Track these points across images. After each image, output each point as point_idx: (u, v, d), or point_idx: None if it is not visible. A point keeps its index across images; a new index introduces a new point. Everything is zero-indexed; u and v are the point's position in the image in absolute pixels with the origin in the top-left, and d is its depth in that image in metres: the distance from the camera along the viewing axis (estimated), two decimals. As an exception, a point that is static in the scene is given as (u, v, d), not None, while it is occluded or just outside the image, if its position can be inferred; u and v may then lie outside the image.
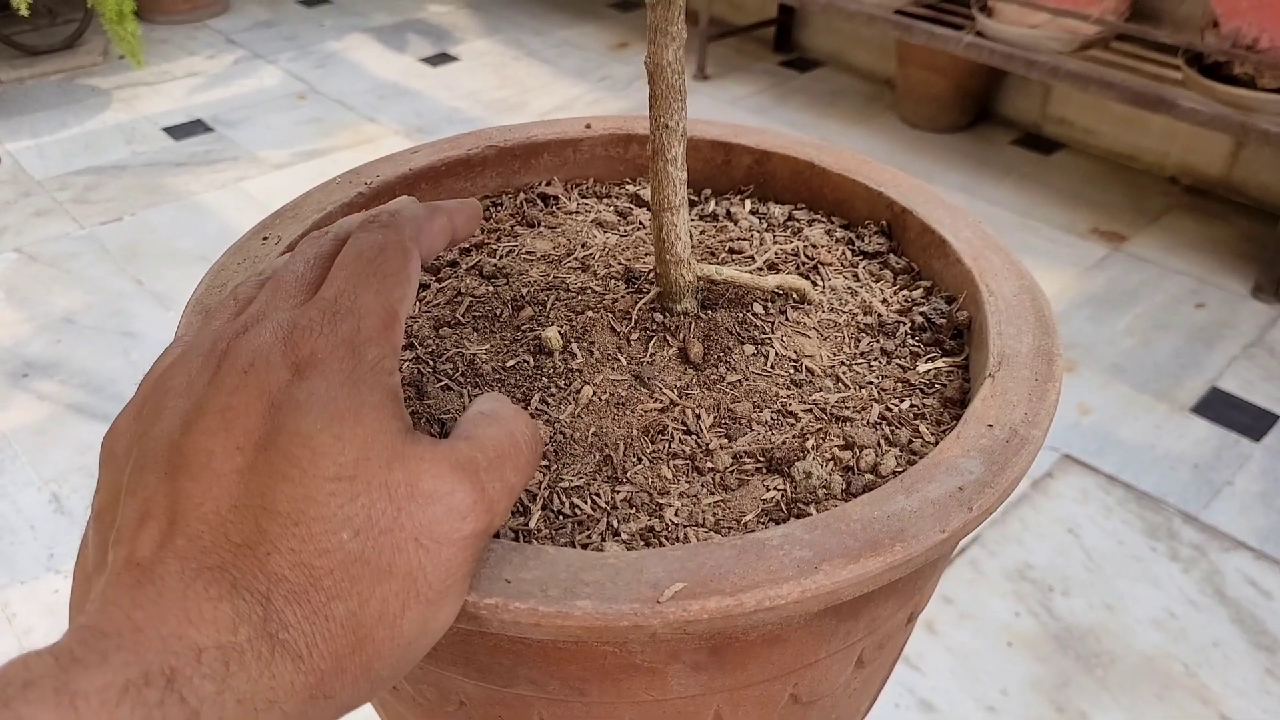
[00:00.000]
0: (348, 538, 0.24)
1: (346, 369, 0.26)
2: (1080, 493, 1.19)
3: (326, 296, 0.28)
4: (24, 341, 1.45)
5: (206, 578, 0.23)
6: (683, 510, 0.34)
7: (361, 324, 0.27)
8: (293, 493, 0.24)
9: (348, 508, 0.24)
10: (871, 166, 0.50)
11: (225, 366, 0.26)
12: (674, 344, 0.40)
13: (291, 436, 0.25)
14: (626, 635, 0.28)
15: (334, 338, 0.27)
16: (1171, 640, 1.01)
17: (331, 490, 0.24)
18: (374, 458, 0.25)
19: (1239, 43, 1.46)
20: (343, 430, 0.25)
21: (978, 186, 1.87)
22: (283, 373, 0.26)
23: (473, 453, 0.27)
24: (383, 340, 0.27)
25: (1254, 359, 1.42)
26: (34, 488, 1.21)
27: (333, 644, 0.24)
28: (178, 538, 0.24)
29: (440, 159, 0.51)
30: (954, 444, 0.33)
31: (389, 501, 0.25)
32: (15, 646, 1.02)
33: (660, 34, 0.36)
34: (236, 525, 0.24)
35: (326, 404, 0.25)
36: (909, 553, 0.29)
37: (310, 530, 0.24)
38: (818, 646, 0.33)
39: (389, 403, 0.26)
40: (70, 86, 2.26)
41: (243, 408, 0.25)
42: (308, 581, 0.24)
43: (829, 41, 2.41)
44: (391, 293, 0.28)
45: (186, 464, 0.25)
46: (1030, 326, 0.38)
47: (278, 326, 0.27)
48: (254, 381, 0.26)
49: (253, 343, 0.27)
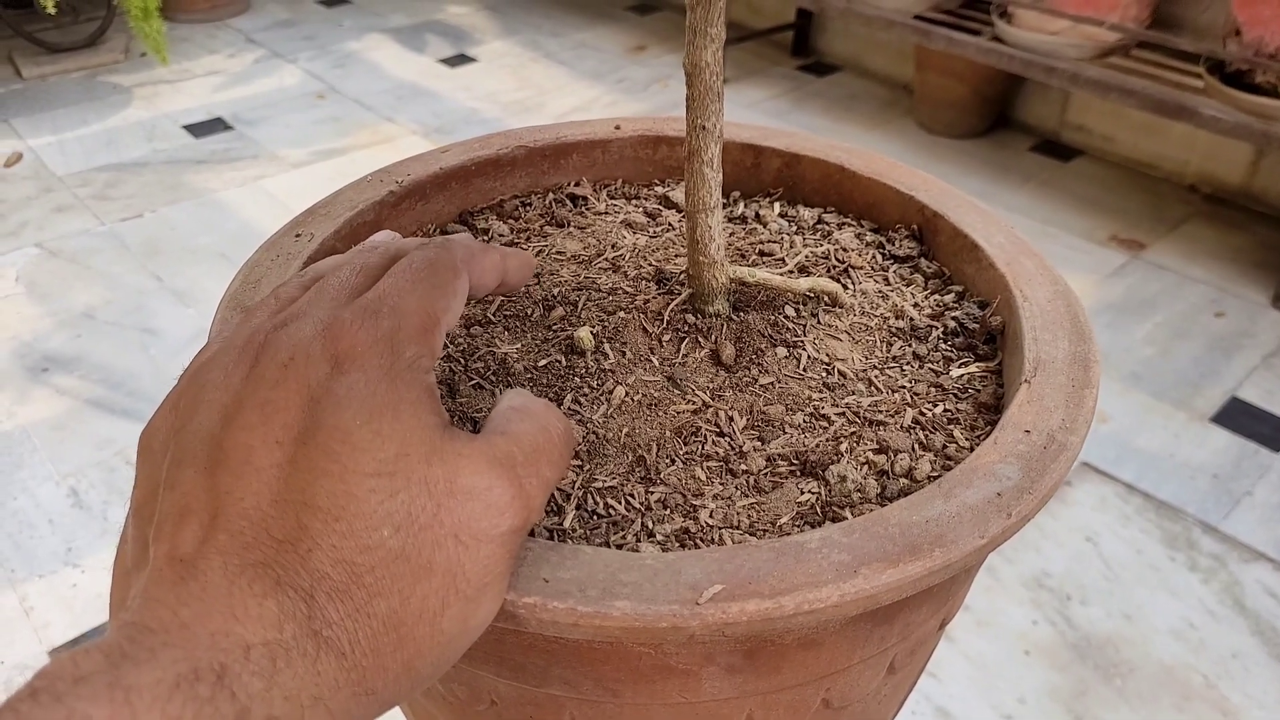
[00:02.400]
0: (388, 534, 0.24)
1: (385, 365, 0.26)
2: (1099, 501, 1.18)
3: (370, 297, 0.28)
4: (44, 336, 1.46)
5: (250, 574, 0.23)
6: (717, 512, 0.34)
7: (402, 323, 0.27)
8: (333, 488, 0.24)
9: (388, 504, 0.24)
10: (902, 170, 0.50)
11: (264, 360, 0.26)
12: (706, 345, 0.40)
13: (331, 431, 0.25)
14: (664, 636, 0.28)
15: (374, 333, 0.27)
16: (1190, 651, 1.00)
17: (372, 486, 0.24)
18: (413, 453, 0.25)
19: (1261, 51, 1.45)
20: (382, 425, 0.25)
21: (996, 193, 1.86)
22: (322, 366, 0.26)
23: (509, 448, 0.27)
24: (421, 341, 0.27)
25: (1274, 369, 1.41)
26: (52, 482, 1.22)
27: (375, 641, 0.24)
28: (219, 533, 0.24)
29: (470, 158, 0.51)
30: (991, 450, 0.33)
31: (428, 498, 0.25)
32: (33, 639, 1.03)
33: (699, 35, 0.36)
34: (278, 521, 0.24)
35: (366, 399, 0.25)
36: (948, 558, 0.29)
37: (351, 526, 0.24)
38: (852, 651, 0.33)
39: (426, 399, 0.26)
40: (92, 84, 2.27)
41: (282, 402, 0.25)
42: (350, 579, 0.24)
43: (847, 46, 2.40)
44: (435, 301, 0.28)
45: (226, 459, 0.25)
46: (1066, 332, 0.38)
47: (318, 321, 0.27)
48: (294, 375, 0.26)
49: (293, 336, 0.27)
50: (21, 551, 1.12)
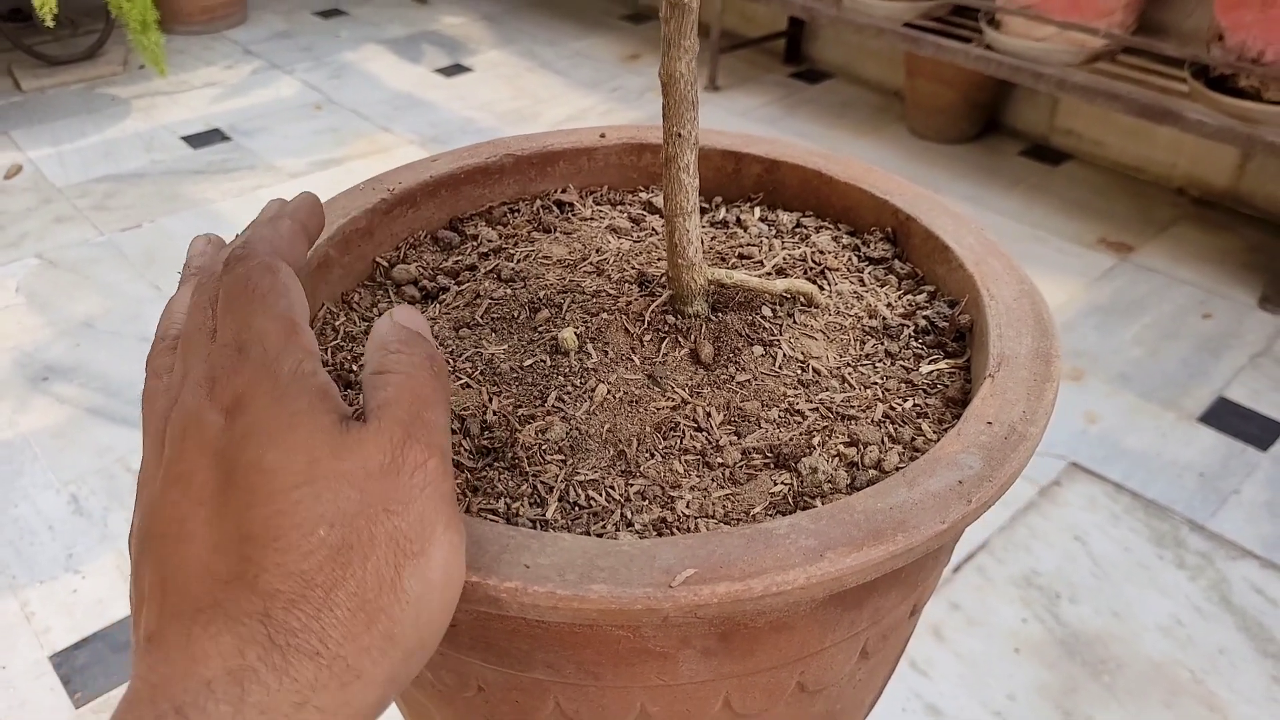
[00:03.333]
0: (325, 532, 0.26)
1: (269, 390, 0.28)
2: (1088, 500, 1.19)
3: (225, 340, 0.29)
4: (44, 345, 1.47)
5: (203, 620, 0.25)
6: (694, 503, 0.35)
7: (266, 344, 0.29)
8: (262, 514, 0.26)
9: (316, 507, 0.26)
10: (877, 175, 0.51)
11: (168, 443, 0.28)
12: (685, 345, 0.42)
13: (245, 469, 0.26)
14: (640, 618, 0.30)
15: (249, 369, 0.28)
16: (1178, 647, 1.02)
17: (296, 498, 0.26)
18: (321, 456, 0.27)
19: (1244, 56, 1.47)
20: (286, 443, 0.27)
21: (986, 197, 1.88)
22: (215, 420, 0.28)
23: (395, 414, 0.28)
24: (292, 348, 0.29)
25: (1261, 369, 1.42)
26: (53, 489, 1.23)
27: (346, 628, 0.25)
28: (170, 599, 0.26)
29: (460, 167, 0.53)
30: (954, 440, 0.34)
31: (349, 487, 0.26)
32: (35, 645, 1.04)
33: (673, 46, 0.37)
34: (219, 563, 0.26)
35: (264, 428, 0.27)
36: (910, 542, 0.30)
37: (290, 541, 0.25)
38: (823, 635, 0.34)
39: (319, 402, 0.28)
40: (90, 96, 2.29)
41: (189, 469, 0.27)
42: (302, 585, 0.25)
43: (838, 54, 2.43)
44: (275, 306, 0.30)
45: (162, 538, 0.27)
46: (1029, 329, 0.40)
47: (197, 384, 0.29)
48: (192, 443, 0.27)
49: (181, 410, 0.29)
50: (22, 558, 1.14)
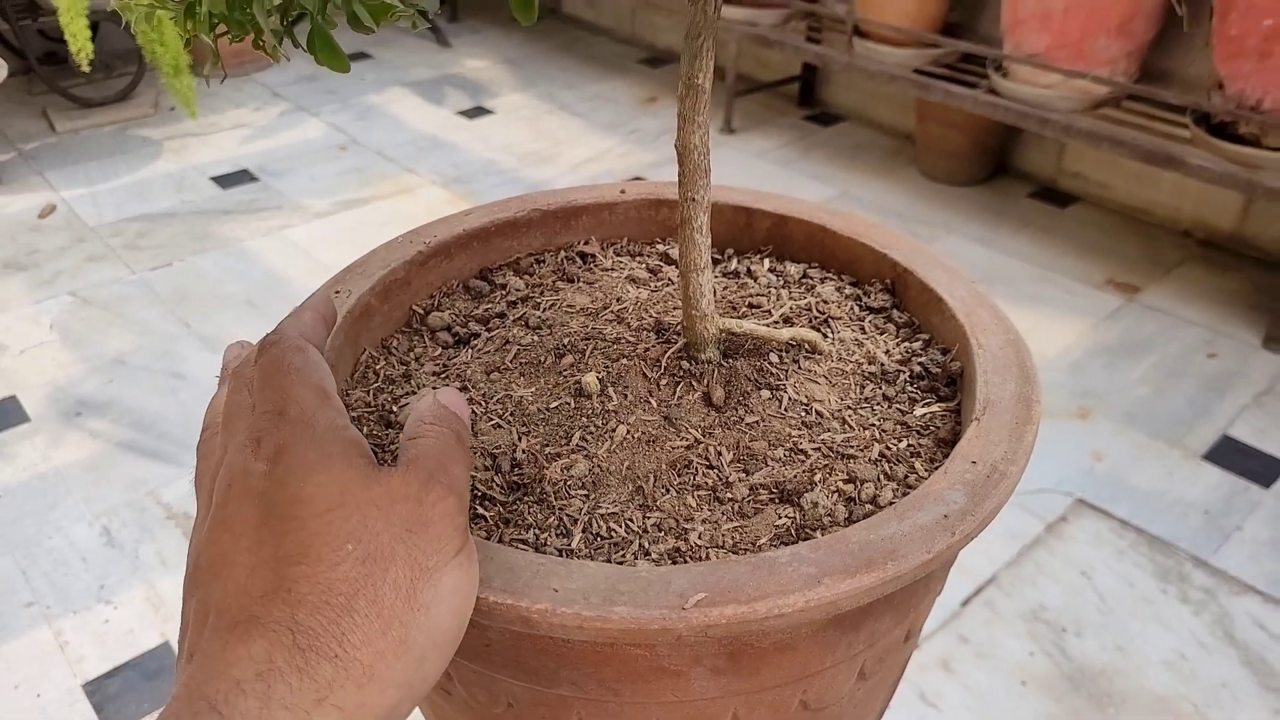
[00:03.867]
0: (352, 548, 0.30)
1: (307, 438, 0.32)
2: (1094, 536, 1.22)
3: (265, 408, 0.33)
4: (77, 381, 1.52)
5: (239, 631, 0.28)
6: (705, 534, 0.39)
7: (302, 405, 0.33)
8: (298, 536, 0.30)
9: (345, 526, 0.30)
10: (878, 230, 0.55)
11: (216, 500, 0.32)
12: (699, 389, 0.45)
13: (284, 502, 0.30)
14: (656, 638, 0.33)
15: (287, 425, 0.32)
16: (1182, 681, 1.03)
17: (328, 520, 0.30)
18: (353, 486, 0.31)
19: (1244, 104, 1.51)
20: (320, 478, 0.31)
21: (996, 238, 1.92)
22: (258, 468, 0.31)
23: (421, 464, 0.33)
24: (325, 409, 0.33)
25: (1265, 408, 1.45)
26: (85, 522, 1.27)
27: (363, 633, 0.29)
28: (211, 618, 0.29)
29: (490, 220, 0.57)
30: (941, 478, 0.38)
31: (376, 511, 0.30)
32: (69, 674, 1.07)
33: (688, 122, 0.41)
34: (256, 582, 0.29)
35: (302, 467, 0.31)
36: (899, 570, 0.34)
37: (320, 554, 0.29)
38: (823, 656, 0.38)
39: (352, 449, 0.32)
40: (122, 137, 2.37)
41: (234, 509, 0.31)
42: (326, 592, 0.29)
43: (851, 98, 2.48)
44: (309, 378, 0.34)
45: (209, 574, 0.31)
46: (1014, 376, 0.43)
47: (241, 445, 0.33)
48: (237, 490, 0.31)
49: (227, 467, 0.33)
50: (56, 589, 1.18)
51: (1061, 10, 1.66)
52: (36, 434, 1.42)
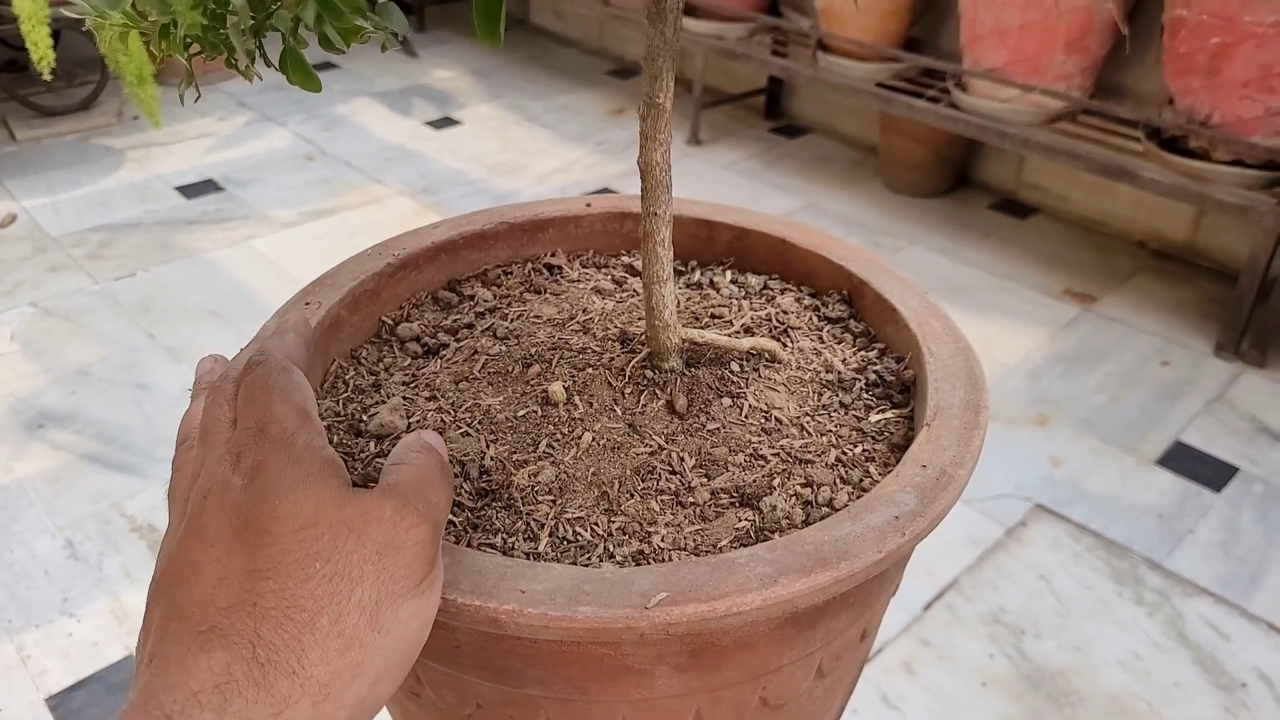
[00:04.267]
0: (320, 565, 0.30)
1: (286, 456, 0.33)
2: (1052, 541, 1.25)
3: (247, 424, 0.34)
4: (40, 393, 1.51)
5: (201, 640, 0.29)
6: (668, 537, 0.40)
7: (283, 424, 0.34)
8: (269, 551, 0.30)
9: (316, 545, 0.31)
10: (835, 243, 0.57)
11: (191, 510, 0.33)
12: (662, 397, 0.47)
13: (260, 517, 0.31)
14: (620, 636, 0.34)
15: (267, 443, 0.33)
16: (1136, 680, 1.06)
17: (300, 537, 0.31)
18: (327, 505, 0.31)
19: (1193, 119, 1.56)
20: (297, 496, 0.31)
21: (958, 249, 1.95)
22: (235, 482, 0.32)
23: (398, 488, 0.33)
24: (306, 429, 0.34)
25: (1215, 414, 1.49)
26: (48, 534, 1.26)
27: (322, 650, 0.30)
28: (172, 625, 0.30)
29: (459, 233, 0.58)
30: (893, 481, 0.39)
31: (348, 531, 0.31)
32: (31, 688, 1.06)
33: (649, 139, 0.43)
34: (223, 592, 0.30)
35: (279, 484, 0.32)
36: (851, 569, 0.35)
37: (289, 570, 0.30)
38: (781, 653, 0.39)
39: (329, 469, 0.33)
40: (85, 146, 2.34)
41: (210, 521, 0.32)
42: (291, 607, 0.30)
43: (816, 110, 2.52)
44: (292, 398, 0.35)
45: (174, 580, 0.31)
46: (963, 383, 0.45)
47: (220, 459, 0.33)
48: (214, 501, 0.32)
49: (206, 478, 0.33)
50: (18, 602, 1.16)
51: (1018, 27, 1.71)
52: (-3, 446, 1.40)
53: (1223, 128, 1.53)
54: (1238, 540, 1.26)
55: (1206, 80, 1.50)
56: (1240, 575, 1.20)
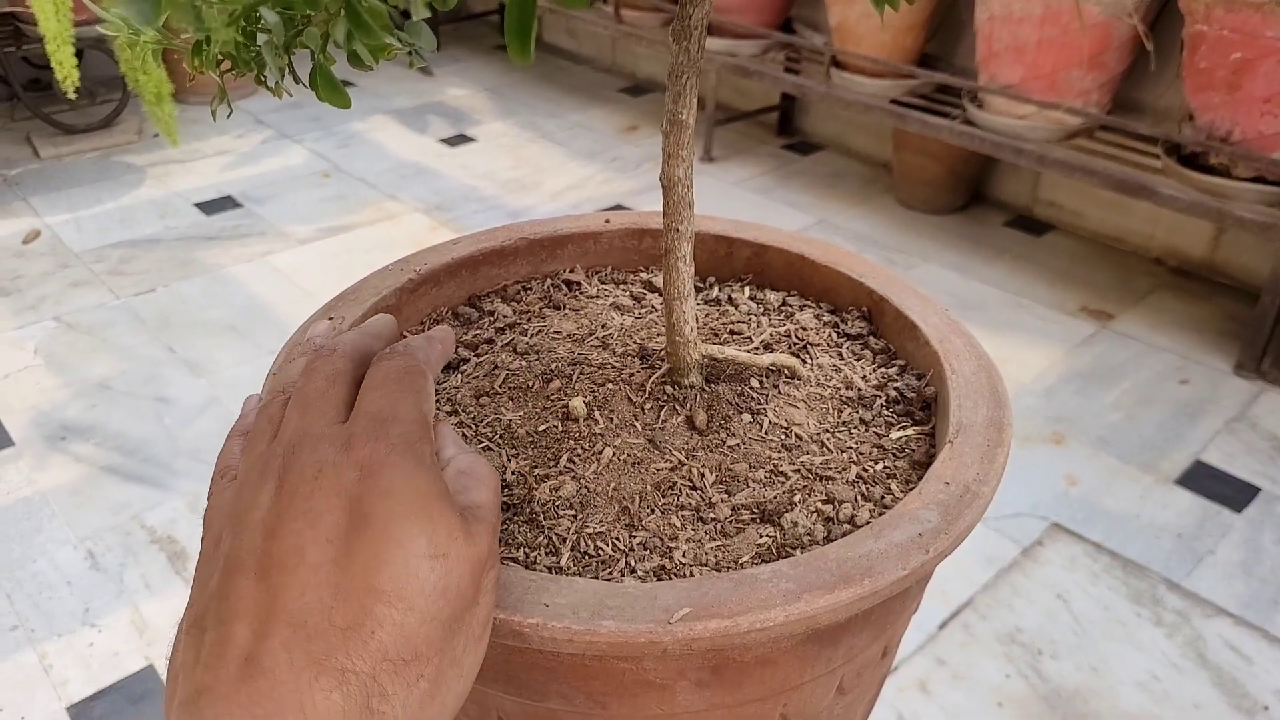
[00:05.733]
0: (443, 605, 0.29)
1: (412, 462, 0.30)
2: (1069, 560, 1.24)
3: (371, 410, 0.32)
4: (61, 406, 1.52)
5: (316, 669, 0.26)
6: (689, 553, 0.40)
7: (409, 429, 0.31)
8: (395, 571, 0.28)
9: (444, 580, 0.29)
10: (854, 259, 0.57)
11: (291, 478, 0.30)
12: (682, 413, 0.47)
13: (386, 522, 0.28)
14: (642, 650, 0.34)
15: (389, 441, 0.30)
16: (1155, 702, 1.05)
17: (431, 566, 0.29)
18: (457, 535, 0.30)
19: (1213, 135, 1.55)
20: (431, 513, 0.29)
21: (972, 266, 1.95)
22: (350, 473, 0.29)
23: (489, 521, 0.32)
24: (428, 440, 0.32)
25: (1236, 433, 1.48)
26: (70, 545, 1.27)
27: (420, 701, 0.28)
28: (280, 627, 0.26)
29: (479, 249, 0.58)
30: (916, 498, 0.39)
31: (470, 571, 0.30)
32: (53, 697, 1.07)
33: (672, 156, 0.43)
34: (340, 609, 0.27)
35: (408, 492, 0.29)
36: (875, 586, 0.35)
37: (414, 603, 0.28)
38: (803, 670, 0.39)
39: (447, 497, 0.31)
40: (106, 164, 2.37)
41: (324, 506, 0.29)
42: (409, 652, 0.28)
43: (829, 127, 2.52)
44: (422, 404, 0.33)
45: (279, 563, 0.28)
46: (986, 400, 0.45)
47: (334, 438, 0.31)
48: (326, 484, 0.29)
49: (314, 455, 0.30)
50: (41, 612, 1.17)
51: (1035, 43, 1.71)
52: (20, 458, 1.41)
53: (1243, 144, 1.52)
54: (1259, 561, 1.24)
55: (1227, 96, 1.49)
56: (1262, 596, 1.19)
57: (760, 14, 2.25)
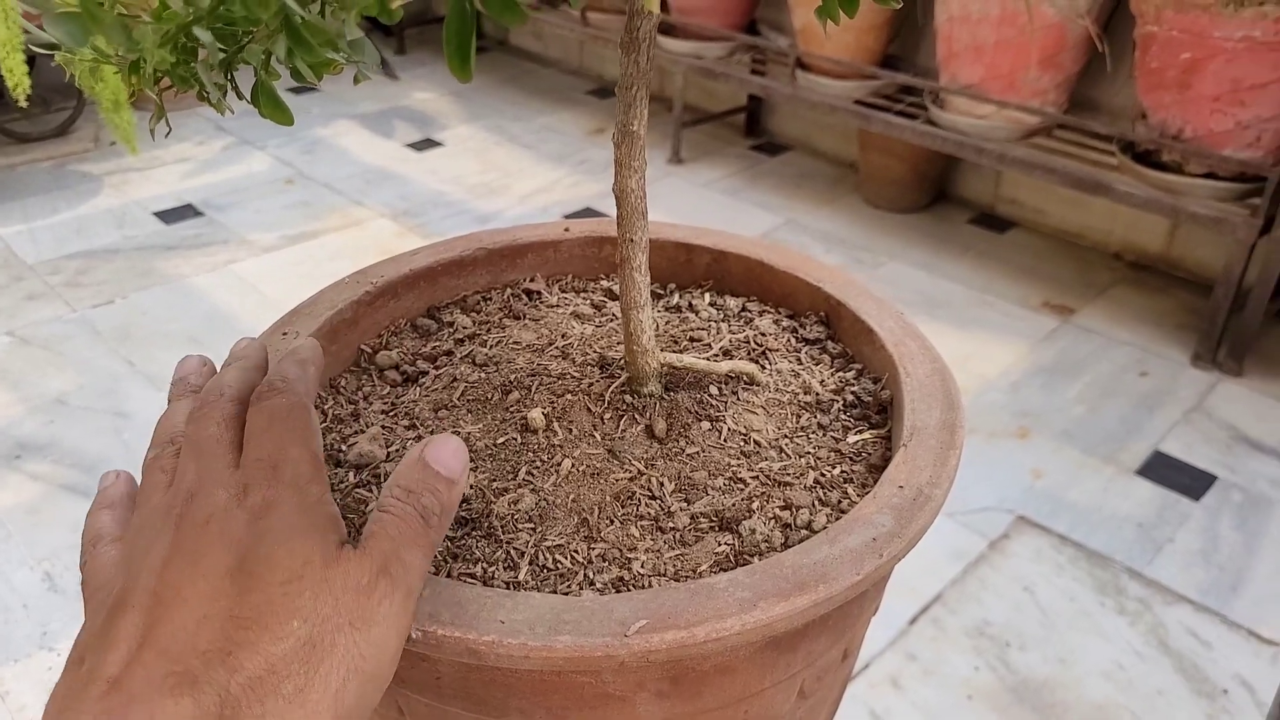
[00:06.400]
0: (298, 625, 0.30)
1: (296, 503, 0.33)
2: (1034, 552, 1.25)
3: (262, 456, 0.34)
4: (17, 423, 1.50)
5: (171, 681, 0.28)
6: (648, 563, 0.40)
7: (298, 470, 0.34)
8: (254, 600, 0.30)
9: (297, 601, 0.30)
10: (812, 264, 0.58)
11: (185, 526, 0.32)
12: (641, 422, 0.47)
13: (256, 560, 0.31)
14: (600, 664, 0.34)
15: (280, 485, 0.33)
16: (1120, 690, 1.07)
17: (284, 590, 0.30)
18: (316, 560, 0.31)
19: (1166, 133, 1.58)
20: (294, 545, 0.31)
21: (937, 263, 1.97)
22: (241, 517, 0.32)
23: (379, 546, 0.33)
24: (318, 480, 0.34)
25: (1193, 424, 1.50)
26: (27, 566, 1.24)
27: (279, 708, 0.29)
28: (147, 653, 0.29)
29: (437, 260, 0.58)
30: (871, 503, 0.40)
31: (329, 594, 0.31)
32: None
33: (624, 167, 0.43)
34: (203, 635, 0.29)
35: (283, 530, 0.32)
36: (830, 591, 0.36)
37: (268, 624, 0.30)
38: (763, 676, 0.39)
39: (329, 525, 0.33)
40: (61, 173, 2.33)
41: (206, 549, 0.31)
42: (264, 667, 0.29)
43: (796, 128, 2.53)
44: (310, 443, 0.35)
45: (160, 599, 0.30)
46: (939, 403, 0.45)
47: (228, 484, 0.33)
48: (215, 530, 0.32)
49: (209, 503, 0.32)
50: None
51: (993, 44, 1.73)
52: (-25, 477, 1.39)
53: (1195, 141, 1.55)
54: (1217, 548, 1.27)
55: (1178, 95, 1.52)
56: (1220, 583, 1.21)
57: (725, 16, 2.26)
